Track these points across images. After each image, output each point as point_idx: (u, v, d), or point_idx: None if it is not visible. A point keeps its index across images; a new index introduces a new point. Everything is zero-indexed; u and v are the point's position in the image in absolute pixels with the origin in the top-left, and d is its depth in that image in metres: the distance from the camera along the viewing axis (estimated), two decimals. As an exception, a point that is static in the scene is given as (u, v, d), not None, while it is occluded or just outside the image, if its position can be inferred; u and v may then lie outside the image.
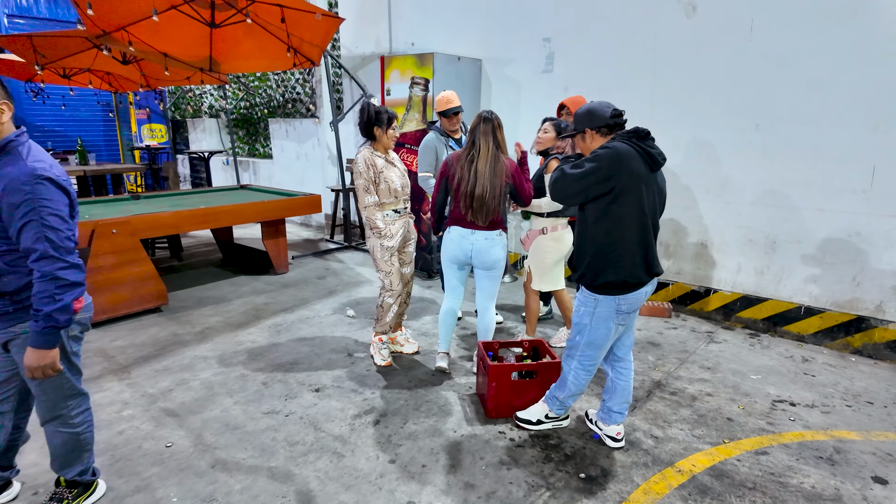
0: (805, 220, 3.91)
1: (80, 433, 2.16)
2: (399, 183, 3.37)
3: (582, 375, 2.61)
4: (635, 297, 2.41)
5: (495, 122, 3.00)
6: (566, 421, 2.87)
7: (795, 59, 3.78)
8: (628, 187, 2.25)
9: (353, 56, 6.91)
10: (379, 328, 3.56)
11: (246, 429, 2.85)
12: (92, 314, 2.16)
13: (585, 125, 2.44)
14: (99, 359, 3.65)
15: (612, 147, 2.28)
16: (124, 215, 4.51)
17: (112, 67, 7.32)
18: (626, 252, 2.33)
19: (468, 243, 3.08)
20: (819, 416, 3.01)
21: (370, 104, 3.25)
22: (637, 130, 2.32)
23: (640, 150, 2.29)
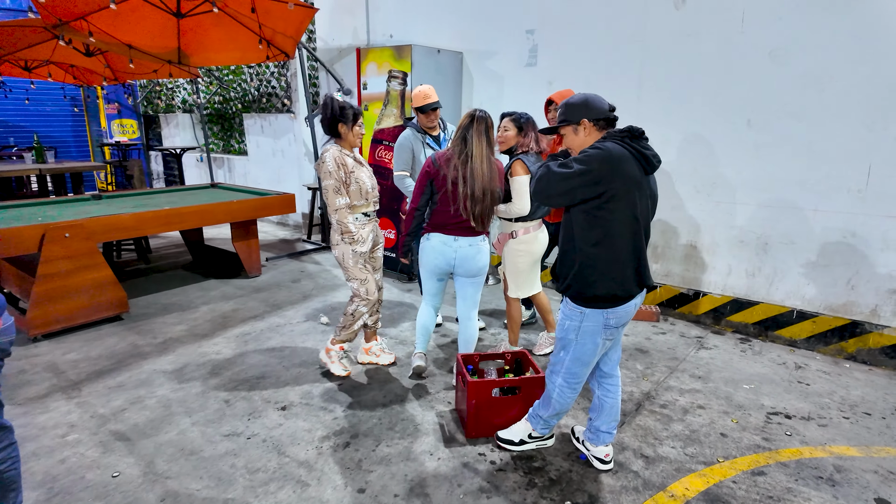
0: (798, 221, 3.75)
1: (2, 471, 1.90)
2: (370, 184, 3.14)
3: (567, 393, 2.41)
4: (625, 311, 2.21)
5: (489, 121, 2.83)
6: (551, 440, 2.67)
7: (789, 53, 3.61)
8: (621, 193, 2.04)
9: (330, 48, 6.63)
10: (344, 335, 3.33)
11: (203, 454, 2.60)
12: (13, 338, 1.89)
13: (582, 115, 2.17)
14: (48, 374, 3.37)
15: (603, 148, 2.05)
16: (81, 217, 4.21)
17: (75, 59, 6.95)
18: (616, 263, 2.12)
19: (451, 251, 2.90)
20: (816, 430, 2.85)
21: (333, 99, 3.00)
22: (631, 130, 2.11)
23: (634, 151, 2.08)
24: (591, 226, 2.11)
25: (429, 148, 3.73)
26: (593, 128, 2.19)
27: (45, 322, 3.81)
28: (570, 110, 2.21)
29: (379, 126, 5.18)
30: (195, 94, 8.97)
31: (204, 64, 6.83)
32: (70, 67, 7.54)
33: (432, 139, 3.76)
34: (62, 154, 10.51)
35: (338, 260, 3.19)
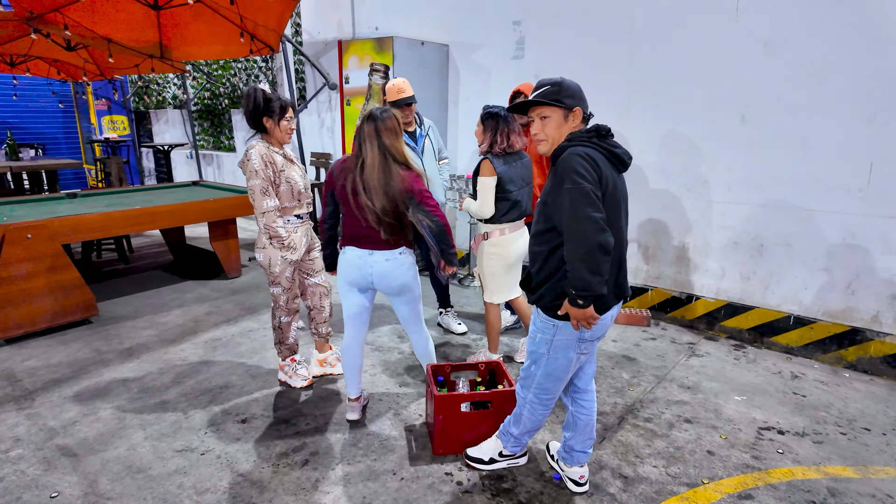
0: (795, 221, 3.55)
1: None
2: (302, 183, 2.92)
3: (538, 410, 2.23)
4: (601, 324, 2.02)
5: (379, 123, 2.38)
6: (523, 458, 2.49)
7: (785, 43, 3.39)
8: (607, 200, 1.86)
9: (315, 42, 6.44)
10: (285, 351, 3.16)
11: (151, 472, 2.44)
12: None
13: (578, 104, 1.95)
14: (2, 383, 3.22)
15: (579, 153, 1.83)
16: (49, 217, 4.05)
17: (58, 54, 6.80)
18: None
19: (367, 266, 2.56)
20: (810, 448, 2.66)
21: (257, 89, 2.73)
22: (598, 129, 1.91)
23: (605, 151, 1.90)
24: None
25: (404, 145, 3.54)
26: (580, 122, 1.98)
27: (5, 327, 3.66)
28: (567, 91, 1.94)
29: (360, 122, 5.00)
30: (182, 89, 8.81)
31: (186, 58, 6.65)
32: (53, 62, 7.40)
33: (408, 135, 3.57)
34: (52, 151, 10.38)
35: (262, 265, 2.96)
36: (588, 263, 1.77)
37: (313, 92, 6.68)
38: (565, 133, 1.97)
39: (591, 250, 1.76)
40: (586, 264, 1.77)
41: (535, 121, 2.03)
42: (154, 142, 10.00)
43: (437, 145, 3.80)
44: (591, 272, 1.77)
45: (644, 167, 4.11)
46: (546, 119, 1.98)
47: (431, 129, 3.75)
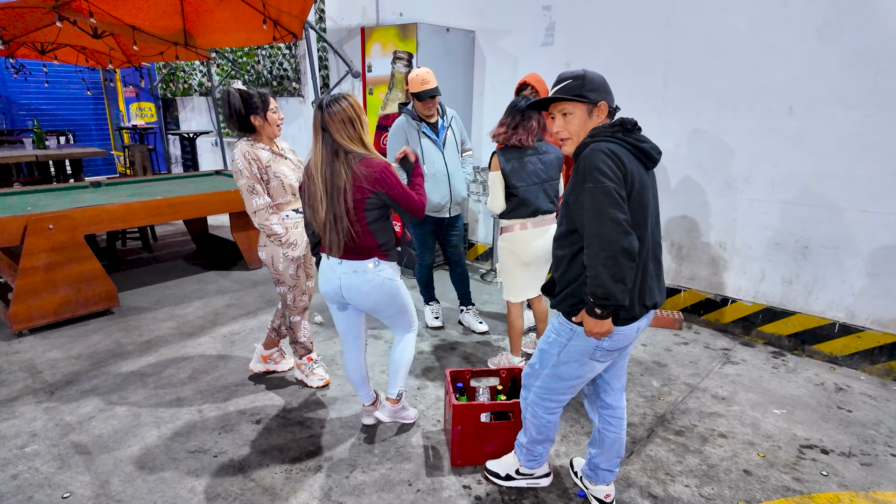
0: (845, 223, 3.30)
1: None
2: (293, 176, 2.77)
3: (540, 414, 2.07)
4: (624, 334, 1.84)
5: (326, 112, 2.09)
6: (544, 480, 2.32)
7: (841, 29, 3.12)
8: (633, 198, 1.70)
9: (339, 28, 6.30)
10: (301, 350, 3.08)
11: (163, 473, 2.39)
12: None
13: (603, 97, 1.80)
14: (23, 374, 3.22)
15: (602, 149, 1.68)
16: (72, 207, 4.05)
17: (85, 41, 6.83)
18: None
19: (335, 277, 2.30)
20: (858, 471, 2.47)
21: (231, 92, 2.59)
22: (622, 122, 1.75)
23: (630, 146, 1.73)
24: None
25: (424, 136, 3.40)
26: (606, 117, 1.83)
27: (28, 317, 3.68)
28: (591, 85, 1.78)
29: (384, 111, 4.87)
30: (207, 76, 8.81)
31: (211, 45, 6.61)
32: (81, 50, 7.44)
33: (429, 127, 3.43)
34: (83, 137, 10.55)
35: (266, 264, 2.88)
36: (611, 269, 1.63)
37: (336, 80, 6.57)
38: (586, 128, 1.82)
39: (615, 255, 1.62)
40: (609, 270, 1.63)
41: (556, 118, 1.87)
42: (181, 129, 10.05)
43: (461, 137, 3.65)
44: (613, 279, 1.63)
45: (679, 161, 3.88)
46: (569, 116, 1.83)
47: (454, 119, 3.59)
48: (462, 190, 3.58)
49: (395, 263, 2.38)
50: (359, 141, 2.15)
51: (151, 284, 4.79)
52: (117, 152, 10.63)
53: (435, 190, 3.44)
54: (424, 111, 3.37)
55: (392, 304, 2.39)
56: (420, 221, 3.59)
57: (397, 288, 2.38)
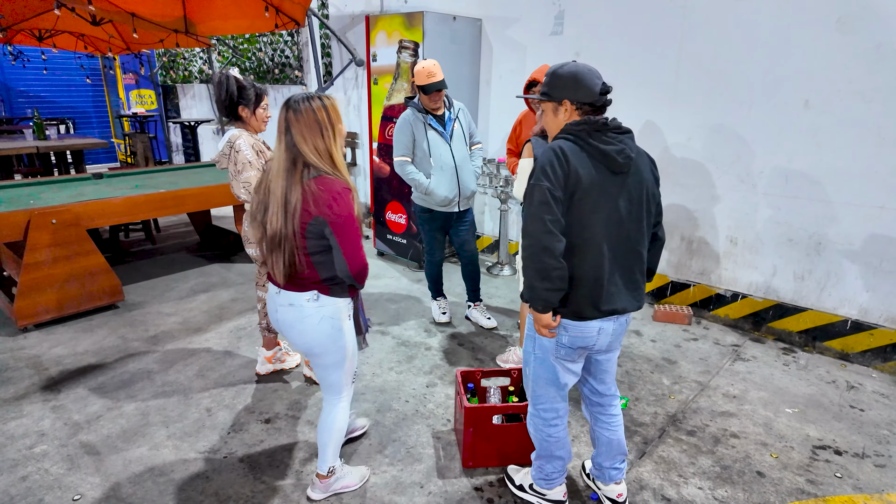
0: (860, 219, 3.25)
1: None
2: None
3: (539, 425, 2.06)
4: (579, 331, 1.82)
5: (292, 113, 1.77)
6: None
7: (861, 20, 3.04)
8: (577, 200, 1.71)
9: (343, 15, 6.18)
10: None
11: (173, 475, 2.38)
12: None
13: (566, 95, 1.79)
14: (30, 371, 3.20)
15: (554, 148, 1.73)
16: (77, 199, 4.01)
17: (84, 28, 6.71)
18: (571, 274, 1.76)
19: (273, 308, 1.99)
20: (872, 472, 2.45)
21: (229, 77, 2.53)
22: (588, 121, 1.74)
23: (591, 148, 1.72)
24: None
25: (431, 129, 3.34)
26: (575, 112, 1.81)
27: (32, 313, 3.65)
28: (554, 84, 1.82)
29: (389, 102, 4.79)
30: (208, 63, 8.69)
31: (212, 33, 6.51)
32: (80, 37, 7.33)
33: (435, 119, 3.36)
34: (82, 125, 10.45)
35: (254, 259, 2.88)
36: (535, 265, 1.71)
37: (340, 68, 6.47)
38: (559, 124, 1.84)
39: (537, 252, 1.70)
40: (533, 265, 1.72)
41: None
42: (182, 116, 9.95)
43: (469, 129, 3.57)
44: (537, 275, 1.72)
45: (691, 155, 3.82)
46: (544, 112, 1.90)
47: (461, 111, 3.52)
48: (471, 183, 3.52)
49: (345, 300, 1.96)
50: (326, 154, 1.80)
51: (156, 277, 4.76)
52: (118, 140, 10.54)
53: (443, 183, 3.38)
54: (431, 104, 3.30)
55: (330, 350, 1.97)
56: (428, 216, 3.55)
57: (340, 331, 1.95)
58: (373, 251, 5.46)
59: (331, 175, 1.79)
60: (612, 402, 2.11)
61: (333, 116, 1.82)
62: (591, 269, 1.76)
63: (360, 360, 3.32)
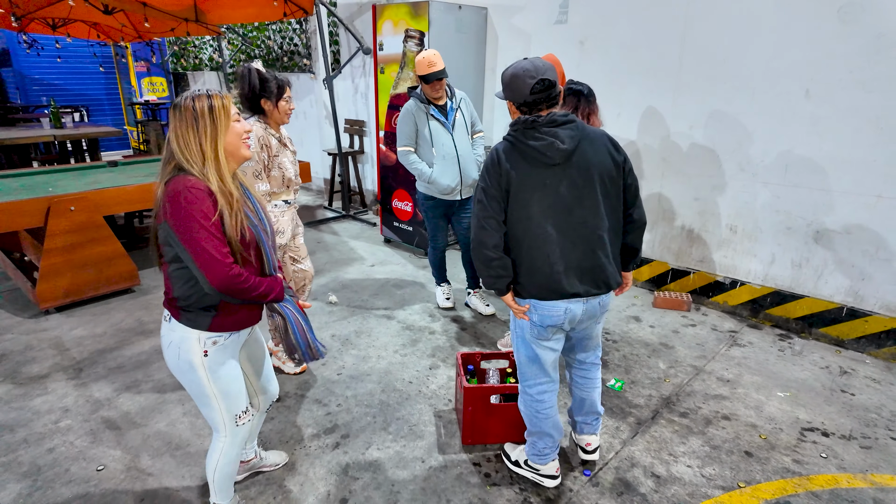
0: (858, 208, 3.29)
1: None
2: (293, 171, 2.81)
3: (528, 401, 2.19)
4: (546, 310, 1.96)
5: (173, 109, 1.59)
6: (548, 481, 2.27)
7: (863, 10, 3.06)
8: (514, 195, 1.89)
9: (350, 3, 6.23)
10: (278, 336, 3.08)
11: (189, 449, 2.52)
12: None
13: (507, 95, 1.95)
14: (52, 352, 3.37)
15: (494, 149, 1.95)
16: (93, 187, 4.15)
17: (96, 17, 6.81)
18: (522, 268, 1.95)
19: None
20: (857, 453, 2.53)
21: (251, 70, 2.58)
22: (524, 121, 1.88)
23: (519, 145, 1.88)
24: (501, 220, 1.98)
25: (433, 119, 3.41)
26: (517, 111, 1.95)
27: (53, 296, 3.81)
28: (503, 83, 1.95)
29: (395, 91, 4.86)
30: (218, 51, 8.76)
31: (221, 21, 6.58)
32: (93, 25, 7.44)
33: (437, 109, 3.42)
34: (95, 113, 10.61)
35: None
36: (477, 256, 1.96)
37: (348, 56, 6.53)
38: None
39: (476, 246, 1.95)
40: (476, 257, 1.97)
41: None
42: (192, 104, 10.06)
43: (471, 118, 3.63)
44: (480, 264, 1.97)
45: (693, 143, 3.86)
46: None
47: (464, 101, 3.57)
48: (473, 172, 3.59)
49: (200, 331, 1.67)
50: (197, 155, 1.57)
51: (169, 262, 4.90)
52: (130, 127, 10.70)
53: (445, 172, 3.46)
54: (432, 93, 3.36)
55: (188, 383, 1.74)
56: (431, 204, 3.64)
57: (190, 365, 1.69)
58: (380, 238, 5.57)
59: (194, 176, 1.57)
60: (590, 368, 2.30)
61: (216, 112, 1.59)
62: (540, 257, 1.91)
63: (366, 343, 3.46)
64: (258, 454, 2.34)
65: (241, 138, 1.67)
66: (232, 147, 1.65)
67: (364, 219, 6.29)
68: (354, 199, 6.80)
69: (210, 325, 1.68)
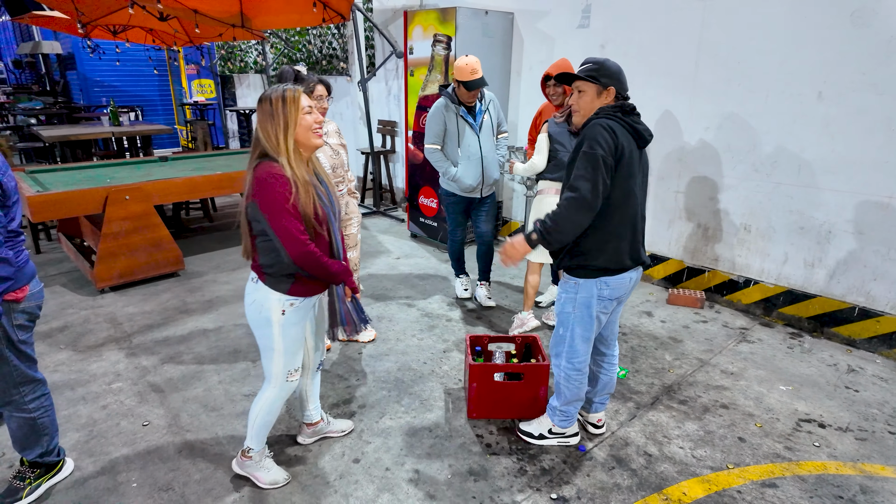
0: (870, 208, 3.33)
1: (35, 418, 2.16)
2: (329, 164, 2.99)
3: (573, 376, 2.36)
4: (618, 283, 2.20)
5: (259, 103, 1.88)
6: (574, 438, 2.55)
7: (875, 14, 3.11)
8: (621, 166, 2.04)
9: (385, 9, 6.53)
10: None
11: (222, 411, 2.82)
12: (41, 302, 2.11)
13: (613, 84, 2.14)
14: (107, 325, 3.75)
15: (602, 125, 2.04)
16: (146, 179, 4.55)
17: (152, 23, 7.34)
18: (612, 237, 2.13)
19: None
20: (851, 444, 2.61)
21: (288, 71, 2.79)
22: (622, 106, 2.10)
23: (627, 126, 2.08)
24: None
25: (462, 120, 3.59)
26: (613, 100, 2.16)
27: (108, 277, 4.21)
28: (605, 72, 2.13)
29: (423, 93, 5.11)
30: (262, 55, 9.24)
31: (265, 27, 6.99)
32: (149, 31, 8.01)
33: (466, 110, 3.61)
34: (149, 112, 11.30)
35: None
36: (573, 216, 2.00)
37: (382, 59, 6.83)
38: (596, 108, 2.16)
39: (578, 207, 1.99)
40: (571, 216, 2.01)
41: (574, 93, 2.23)
42: (238, 104, 10.62)
43: (498, 119, 3.79)
44: (570, 223, 2.02)
45: (709, 144, 3.96)
46: (582, 93, 2.20)
47: (492, 103, 3.73)
48: (494, 172, 3.77)
49: (279, 294, 1.98)
50: (275, 143, 1.84)
51: (212, 251, 5.29)
52: (180, 126, 11.35)
53: (468, 172, 3.66)
54: (468, 99, 3.53)
55: (258, 333, 2.08)
56: (453, 200, 3.84)
57: (267, 321, 2.01)
58: (407, 233, 5.83)
59: (278, 162, 1.84)
60: (613, 351, 2.51)
61: (289, 106, 1.83)
62: (630, 226, 2.15)
63: (386, 327, 3.70)
64: (325, 419, 2.58)
65: (311, 129, 1.91)
66: (303, 137, 1.89)
67: (393, 215, 6.57)
68: (385, 196, 7.09)
69: (288, 290, 1.99)
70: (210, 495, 2.26)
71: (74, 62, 10.64)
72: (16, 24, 14.33)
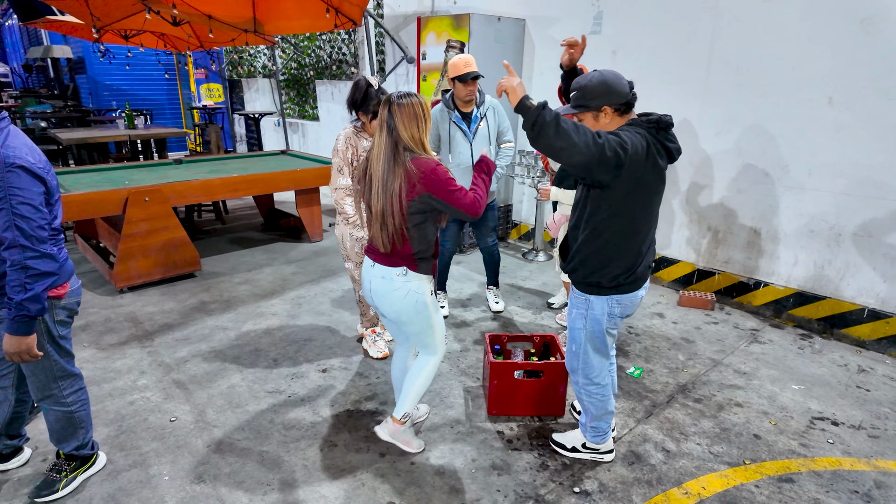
0: (880, 212, 3.39)
1: (73, 412, 2.22)
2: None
3: (594, 391, 2.35)
4: (630, 301, 2.19)
5: (395, 105, 2.08)
6: (608, 455, 2.48)
7: (886, 20, 3.19)
8: (651, 181, 2.01)
9: (396, 15, 6.62)
10: (366, 323, 3.43)
11: (247, 408, 2.88)
12: (80, 298, 2.18)
13: (603, 102, 1.99)
14: (128, 324, 3.81)
15: (640, 134, 1.95)
16: (162, 181, 4.62)
17: (165, 28, 7.44)
18: (629, 252, 2.10)
19: (367, 280, 2.30)
20: (864, 441, 2.67)
21: (360, 83, 2.88)
22: (659, 121, 2.00)
23: (659, 143, 2.02)
24: (618, 214, 2.03)
25: (455, 126, 3.54)
26: (615, 114, 2.03)
27: (128, 277, 4.28)
28: (588, 95, 2.01)
29: (435, 97, 5.18)
30: (272, 60, 9.33)
31: (277, 32, 7.09)
32: (161, 36, 8.11)
33: (461, 116, 3.54)
34: (158, 116, 11.41)
35: (338, 240, 3.20)
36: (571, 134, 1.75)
37: (392, 65, 6.91)
38: (607, 126, 2.04)
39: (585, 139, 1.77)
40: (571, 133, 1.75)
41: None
42: (246, 109, 10.71)
43: (500, 127, 3.65)
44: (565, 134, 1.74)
45: (720, 149, 4.03)
46: (583, 121, 2.07)
47: (492, 110, 3.59)
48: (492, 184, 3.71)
49: (428, 276, 2.26)
50: (419, 143, 2.13)
51: (227, 252, 5.36)
52: (188, 130, 11.45)
53: (460, 182, 3.62)
54: (464, 95, 3.44)
55: (416, 319, 2.28)
56: None
57: (424, 304, 2.25)
58: (418, 235, 5.90)
59: (419, 155, 2.11)
60: (615, 353, 2.54)
61: (426, 111, 2.15)
62: (648, 246, 2.14)
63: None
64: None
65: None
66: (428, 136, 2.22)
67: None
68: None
69: (429, 270, 2.26)
70: (241, 488, 2.32)
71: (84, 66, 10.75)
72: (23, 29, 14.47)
